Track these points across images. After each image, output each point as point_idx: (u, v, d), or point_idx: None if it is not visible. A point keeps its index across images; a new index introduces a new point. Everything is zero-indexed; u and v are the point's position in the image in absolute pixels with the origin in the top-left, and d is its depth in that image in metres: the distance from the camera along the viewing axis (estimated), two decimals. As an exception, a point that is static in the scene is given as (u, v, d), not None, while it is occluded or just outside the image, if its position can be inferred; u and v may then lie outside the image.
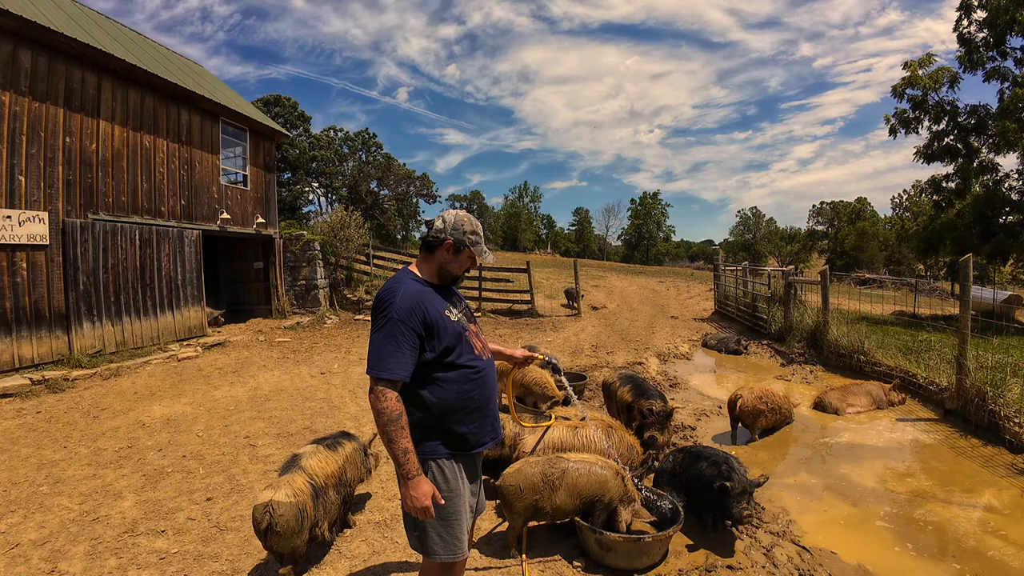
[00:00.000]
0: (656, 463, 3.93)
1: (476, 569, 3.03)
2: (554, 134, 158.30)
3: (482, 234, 2.21)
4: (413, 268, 2.15)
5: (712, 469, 3.40)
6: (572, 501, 3.13)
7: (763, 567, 3.07)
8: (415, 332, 1.96)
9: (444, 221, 2.14)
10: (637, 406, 4.65)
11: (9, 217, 7.41)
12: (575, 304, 13.56)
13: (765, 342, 10.28)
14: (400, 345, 1.93)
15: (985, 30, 15.34)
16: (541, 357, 2.69)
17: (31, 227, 7.71)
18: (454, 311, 2.13)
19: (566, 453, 3.38)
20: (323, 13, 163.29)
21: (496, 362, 2.52)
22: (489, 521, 3.55)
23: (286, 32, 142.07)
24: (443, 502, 2.01)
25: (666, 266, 58.20)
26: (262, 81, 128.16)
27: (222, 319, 12.35)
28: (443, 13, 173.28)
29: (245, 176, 13.02)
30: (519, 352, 2.57)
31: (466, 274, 2.23)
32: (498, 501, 3.34)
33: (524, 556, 3.12)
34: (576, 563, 3.10)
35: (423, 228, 2.22)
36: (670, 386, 7.29)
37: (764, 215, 76.32)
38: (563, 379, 3.07)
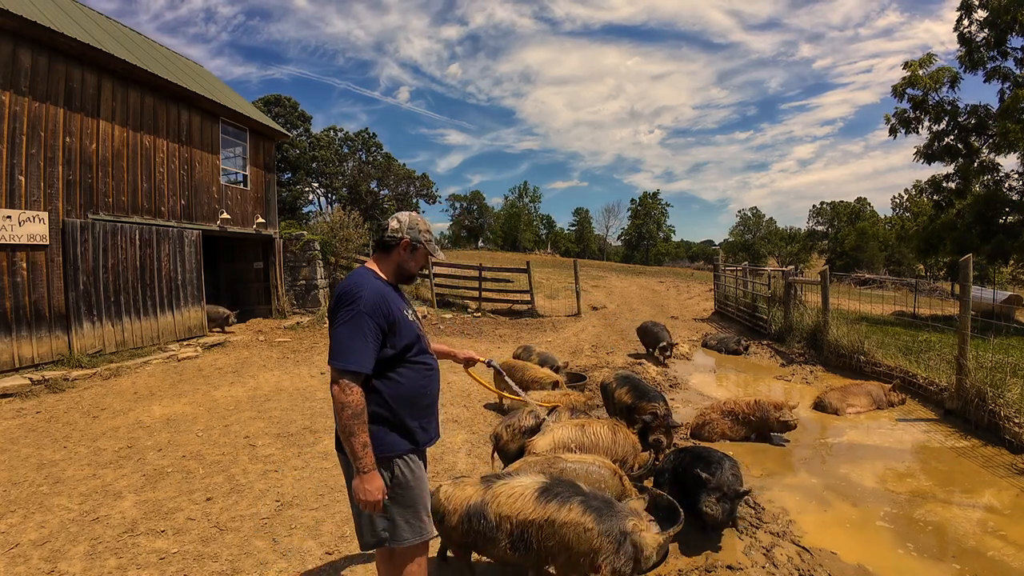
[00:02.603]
0: (657, 463, 3.93)
1: (475, 570, 3.02)
2: (555, 134, 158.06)
3: (434, 233, 2.34)
4: (372, 267, 2.20)
5: (706, 469, 3.40)
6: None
7: (763, 567, 3.07)
8: (379, 327, 2.01)
9: (399, 222, 2.22)
10: (639, 408, 4.64)
11: (9, 217, 7.41)
12: (665, 355, 8.82)
13: (765, 342, 10.28)
14: (367, 339, 1.97)
15: (986, 30, 15.34)
16: (481, 360, 2.94)
17: (31, 227, 7.71)
18: (409, 312, 2.22)
19: (564, 453, 3.38)
20: (326, 14, 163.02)
21: (461, 356, 2.80)
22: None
23: (289, 33, 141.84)
24: (387, 498, 2.06)
25: (666, 266, 58.17)
26: (264, 82, 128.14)
27: (233, 319, 11.68)
28: (446, 14, 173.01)
29: (245, 176, 13.03)
30: (462, 352, 2.76)
31: (421, 272, 2.35)
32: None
33: (524, 556, 3.12)
34: (576, 563, 3.09)
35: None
36: (670, 386, 7.29)
37: (764, 215, 76.37)
38: (508, 380, 3.56)
